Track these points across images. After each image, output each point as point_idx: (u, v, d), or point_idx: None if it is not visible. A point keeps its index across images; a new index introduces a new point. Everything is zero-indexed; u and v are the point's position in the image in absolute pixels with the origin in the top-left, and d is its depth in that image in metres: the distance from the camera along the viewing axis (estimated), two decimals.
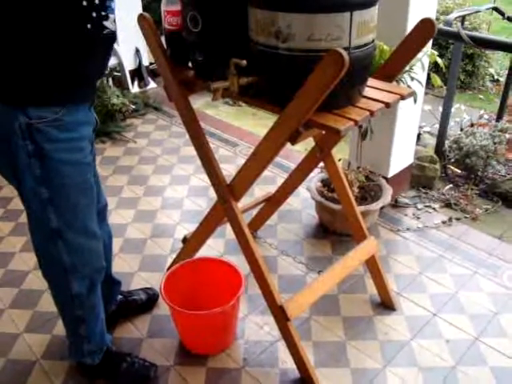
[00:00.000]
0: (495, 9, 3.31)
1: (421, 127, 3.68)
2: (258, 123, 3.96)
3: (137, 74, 4.49)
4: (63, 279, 1.64)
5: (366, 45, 1.40)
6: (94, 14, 1.35)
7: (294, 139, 1.42)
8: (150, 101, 4.26)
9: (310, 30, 1.30)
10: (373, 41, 1.45)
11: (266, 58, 1.40)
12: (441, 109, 3.49)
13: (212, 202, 2.83)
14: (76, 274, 1.64)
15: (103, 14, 1.38)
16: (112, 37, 1.46)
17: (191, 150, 3.40)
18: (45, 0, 1.27)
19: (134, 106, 4.04)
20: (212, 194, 2.94)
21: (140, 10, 4.28)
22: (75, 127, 1.47)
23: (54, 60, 1.34)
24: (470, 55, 5.47)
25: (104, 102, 3.73)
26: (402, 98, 1.59)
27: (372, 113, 1.46)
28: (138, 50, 4.42)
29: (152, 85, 4.57)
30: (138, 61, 4.47)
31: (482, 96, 6.21)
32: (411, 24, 2.37)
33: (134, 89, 4.44)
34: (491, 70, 6.30)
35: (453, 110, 3.50)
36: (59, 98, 1.41)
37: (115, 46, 1.52)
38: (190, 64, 1.76)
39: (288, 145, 1.50)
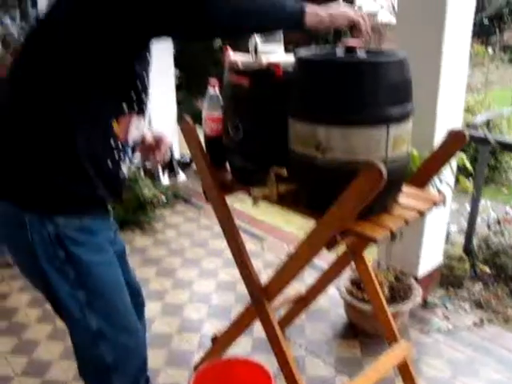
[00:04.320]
0: None
1: (448, 224, 3.69)
2: (284, 218, 4.00)
3: (168, 166, 4.62)
4: (106, 380, 1.61)
5: (401, 156, 1.46)
6: (116, 157, 1.48)
7: (331, 246, 1.45)
8: (180, 192, 4.37)
9: (349, 143, 1.37)
10: (407, 152, 1.51)
11: (305, 167, 1.45)
12: (467, 206, 3.52)
13: (240, 297, 2.88)
14: (119, 373, 1.60)
15: (123, 158, 1.52)
16: (124, 180, 1.60)
17: (219, 243, 3.50)
18: (81, 127, 1.37)
19: (164, 198, 4.14)
20: (240, 289, 2.97)
21: (174, 106, 4.49)
22: (99, 231, 1.52)
23: (80, 179, 1.43)
24: (492, 150, 5.56)
25: (136, 193, 3.83)
26: (435, 204, 1.62)
27: (407, 221, 1.49)
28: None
29: (182, 176, 4.68)
30: (169, 153, 4.61)
31: (505, 190, 6.22)
32: (439, 130, 2.46)
33: (165, 180, 4.55)
34: None
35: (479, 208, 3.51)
36: (82, 211, 1.47)
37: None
38: (227, 166, 1.83)
39: None
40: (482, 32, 20.57)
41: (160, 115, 3.92)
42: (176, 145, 4.70)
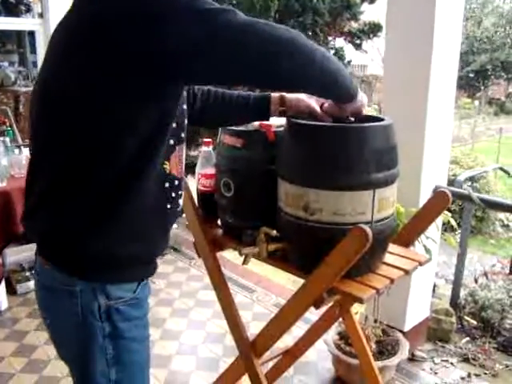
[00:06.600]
0: (501, 169, 3.50)
1: (435, 277, 3.73)
2: (275, 268, 4.00)
3: None
4: None
5: (386, 218, 1.51)
6: (174, 195, 1.37)
7: (318, 305, 1.49)
8: (171, 241, 4.37)
9: (336, 206, 1.42)
10: (392, 214, 1.56)
11: (294, 227, 1.50)
12: (454, 260, 3.57)
13: (228, 349, 2.88)
14: None
15: (180, 193, 1.40)
16: (182, 212, 1.48)
17: (209, 294, 3.51)
18: (136, 186, 1.24)
19: None
20: (228, 341, 2.97)
21: None
22: (144, 303, 1.42)
23: (141, 239, 1.32)
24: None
25: None
26: (420, 264, 1.67)
27: (392, 280, 1.54)
28: None
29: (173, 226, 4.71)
30: None
31: (493, 241, 6.29)
32: (425, 186, 2.54)
33: None
34: (501, 216, 6.44)
35: (466, 261, 3.57)
36: (140, 273, 1.37)
37: None
38: (219, 222, 1.87)
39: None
40: (469, 86, 21.20)
41: None
42: None
